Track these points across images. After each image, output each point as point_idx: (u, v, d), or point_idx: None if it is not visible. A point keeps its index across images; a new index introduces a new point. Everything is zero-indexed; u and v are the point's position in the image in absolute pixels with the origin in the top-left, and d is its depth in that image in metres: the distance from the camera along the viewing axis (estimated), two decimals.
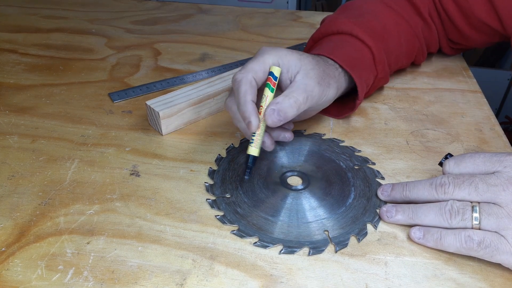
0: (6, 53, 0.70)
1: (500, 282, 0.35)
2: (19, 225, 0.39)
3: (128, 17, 0.85)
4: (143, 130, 0.52)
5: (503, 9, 0.55)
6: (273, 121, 0.41)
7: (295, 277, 0.35)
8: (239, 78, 0.42)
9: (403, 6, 0.59)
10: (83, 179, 0.44)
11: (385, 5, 0.59)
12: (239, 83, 0.42)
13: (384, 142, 0.50)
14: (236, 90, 0.42)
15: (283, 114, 0.41)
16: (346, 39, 0.53)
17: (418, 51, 0.62)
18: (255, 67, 0.42)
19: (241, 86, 0.41)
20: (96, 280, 0.34)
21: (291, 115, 0.41)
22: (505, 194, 0.34)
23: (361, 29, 0.53)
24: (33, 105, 0.57)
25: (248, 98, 0.41)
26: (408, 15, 0.59)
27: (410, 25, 0.59)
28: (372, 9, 0.58)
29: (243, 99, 0.41)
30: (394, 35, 0.56)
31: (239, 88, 0.42)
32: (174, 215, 0.40)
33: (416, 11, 0.60)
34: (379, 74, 0.54)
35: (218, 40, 0.76)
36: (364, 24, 0.54)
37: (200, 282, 0.34)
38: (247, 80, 0.42)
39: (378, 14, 0.57)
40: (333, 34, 0.54)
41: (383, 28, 0.55)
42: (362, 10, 0.57)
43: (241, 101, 0.41)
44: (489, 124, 0.54)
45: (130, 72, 0.65)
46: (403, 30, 0.58)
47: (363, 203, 0.42)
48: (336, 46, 0.52)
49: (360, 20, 0.55)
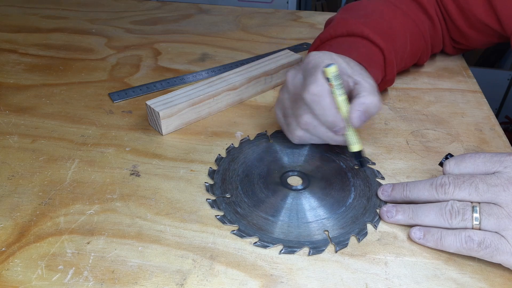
0: (6, 53, 0.70)
1: (500, 282, 0.35)
2: (19, 225, 0.39)
3: (128, 17, 0.85)
4: (143, 130, 0.52)
5: (502, 9, 0.55)
6: (359, 123, 0.42)
7: (295, 277, 0.35)
8: (317, 91, 0.41)
9: (409, 5, 0.59)
10: (83, 179, 0.44)
11: (392, 4, 0.58)
12: (319, 97, 0.41)
13: (384, 142, 0.50)
14: (319, 104, 0.41)
15: (368, 114, 0.42)
16: (357, 41, 0.52)
17: (423, 52, 0.61)
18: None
19: (324, 99, 0.41)
20: (96, 280, 0.34)
21: (373, 114, 0.43)
22: (505, 194, 0.34)
23: (371, 30, 0.52)
24: (33, 105, 0.57)
25: (334, 108, 0.42)
26: (414, 14, 0.58)
27: (417, 25, 0.58)
28: (379, 9, 0.57)
29: (331, 111, 0.41)
30: (401, 35, 0.56)
31: (322, 101, 0.41)
32: (174, 215, 0.40)
33: (422, 10, 0.59)
34: (387, 75, 0.54)
35: (218, 40, 0.76)
36: (373, 25, 0.53)
37: (200, 282, 0.34)
38: (326, 91, 0.41)
39: (384, 14, 0.56)
40: (342, 36, 0.54)
41: (390, 28, 0.55)
42: (368, 10, 0.57)
43: (330, 114, 0.41)
44: (489, 124, 0.54)
45: (130, 72, 0.65)
46: (409, 30, 0.57)
47: (363, 203, 0.42)
48: (350, 47, 0.51)
49: (368, 20, 0.54)
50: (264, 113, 0.55)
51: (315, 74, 0.42)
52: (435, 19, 0.60)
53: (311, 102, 0.42)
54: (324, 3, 1.90)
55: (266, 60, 0.60)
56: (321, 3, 1.89)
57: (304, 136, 0.45)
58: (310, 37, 0.78)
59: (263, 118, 0.55)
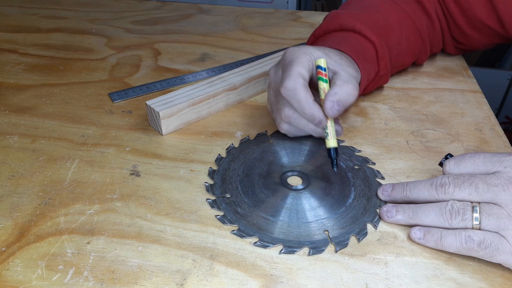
0: (6, 53, 0.70)
1: (500, 282, 0.35)
2: (19, 225, 0.39)
3: (128, 17, 0.85)
4: (143, 130, 0.52)
5: (503, 10, 0.55)
6: (334, 113, 0.42)
7: (295, 277, 0.35)
8: (291, 86, 0.42)
9: (408, 2, 0.59)
10: (83, 179, 0.44)
11: (391, 1, 0.58)
12: (294, 91, 0.42)
13: (384, 142, 0.50)
14: (294, 98, 0.42)
15: (342, 104, 0.43)
16: (349, 35, 0.52)
17: (421, 50, 0.61)
18: (300, 69, 0.43)
19: (299, 93, 0.42)
20: (96, 280, 0.34)
21: (349, 103, 0.43)
22: (505, 194, 0.34)
23: (364, 24, 0.52)
24: (33, 105, 0.57)
25: (311, 101, 0.42)
26: (412, 12, 0.58)
27: (413, 22, 0.58)
28: (375, 3, 0.57)
29: (307, 104, 0.42)
30: (396, 31, 0.55)
31: (297, 95, 0.42)
32: (174, 215, 0.40)
33: (421, 8, 0.59)
34: (380, 70, 0.53)
35: (218, 40, 0.76)
36: (366, 19, 0.53)
37: (200, 282, 0.34)
38: (301, 85, 0.42)
39: (380, 8, 0.56)
40: (335, 31, 0.54)
41: (385, 23, 0.55)
42: (364, 4, 0.57)
43: (306, 106, 0.42)
44: (489, 124, 0.54)
45: (130, 72, 0.65)
46: (405, 27, 0.57)
47: (363, 203, 0.42)
48: (341, 40, 0.51)
49: (361, 14, 0.54)
50: (264, 113, 0.55)
51: (290, 70, 0.43)
52: (434, 18, 0.60)
53: (287, 97, 0.43)
54: (324, 3, 1.90)
55: (266, 60, 0.60)
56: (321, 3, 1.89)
57: (289, 129, 0.47)
58: None
59: (263, 118, 0.55)
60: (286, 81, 0.42)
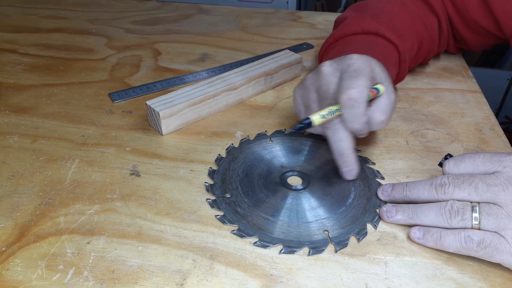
0: (6, 53, 0.70)
1: (500, 282, 0.35)
2: (19, 225, 0.39)
3: (128, 17, 0.85)
4: (143, 130, 0.52)
5: (498, 11, 0.55)
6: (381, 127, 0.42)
7: (295, 277, 0.35)
8: (357, 96, 0.40)
9: (418, 5, 0.59)
10: (83, 179, 0.44)
11: (401, 3, 0.58)
12: (356, 103, 0.40)
13: (384, 142, 0.50)
14: (353, 110, 0.40)
15: (368, 128, 0.42)
16: (372, 39, 0.52)
17: (429, 52, 0.62)
18: (368, 83, 0.41)
19: (360, 107, 0.40)
20: (96, 280, 0.34)
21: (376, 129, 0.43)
22: (504, 194, 0.34)
23: (386, 28, 0.52)
24: (33, 105, 0.57)
25: (364, 117, 0.41)
26: (423, 14, 0.59)
27: (425, 26, 0.58)
28: (389, 9, 0.57)
29: (361, 120, 0.40)
30: (411, 34, 0.56)
31: (357, 108, 0.40)
32: (174, 215, 0.40)
33: (430, 9, 0.59)
34: (400, 72, 0.54)
35: (218, 40, 0.76)
36: (385, 23, 0.54)
37: (200, 282, 0.34)
38: (364, 100, 0.40)
39: (394, 14, 0.56)
40: (356, 34, 0.54)
41: (401, 27, 0.55)
42: (379, 9, 0.57)
43: (360, 122, 0.41)
44: (489, 124, 0.54)
45: (130, 72, 0.65)
46: (418, 31, 0.57)
47: (363, 203, 0.42)
48: (368, 46, 0.51)
49: (381, 19, 0.54)
50: (264, 113, 0.55)
51: (358, 79, 0.40)
52: (442, 19, 0.60)
53: (345, 106, 0.40)
54: (324, 3, 1.90)
55: (266, 60, 0.60)
56: (321, 3, 1.89)
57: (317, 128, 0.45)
58: (310, 37, 0.78)
59: (263, 118, 0.55)
60: (352, 89, 0.40)
